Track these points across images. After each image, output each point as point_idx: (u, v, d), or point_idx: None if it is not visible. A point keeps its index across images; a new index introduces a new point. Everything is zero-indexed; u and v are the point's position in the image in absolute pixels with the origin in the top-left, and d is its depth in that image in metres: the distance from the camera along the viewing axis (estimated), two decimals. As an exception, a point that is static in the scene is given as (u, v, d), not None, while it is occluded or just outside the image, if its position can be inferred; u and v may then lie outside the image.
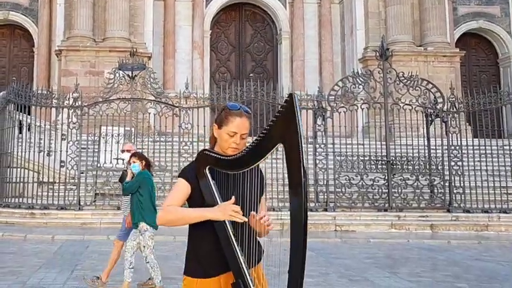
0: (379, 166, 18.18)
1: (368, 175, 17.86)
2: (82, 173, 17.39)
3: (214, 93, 18.27)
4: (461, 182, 17.78)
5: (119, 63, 18.68)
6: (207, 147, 3.26)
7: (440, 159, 18.21)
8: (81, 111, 17.72)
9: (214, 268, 3.11)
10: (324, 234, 15.83)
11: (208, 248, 3.11)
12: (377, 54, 18.90)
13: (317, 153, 17.85)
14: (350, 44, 27.69)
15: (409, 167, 18.19)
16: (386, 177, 17.86)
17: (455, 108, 18.52)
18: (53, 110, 20.14)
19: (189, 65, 27.74)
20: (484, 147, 18.48)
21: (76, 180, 17.22)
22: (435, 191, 18.13)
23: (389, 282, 9.12)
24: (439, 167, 18.25)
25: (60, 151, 17.19)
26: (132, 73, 18.21)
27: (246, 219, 3.00)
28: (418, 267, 10.79)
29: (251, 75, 18.77)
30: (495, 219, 17.34)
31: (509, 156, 19.02)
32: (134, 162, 7.91)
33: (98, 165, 17.76)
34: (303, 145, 2.74)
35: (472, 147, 18.46)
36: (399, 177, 17.94)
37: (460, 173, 17.82)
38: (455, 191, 17.81)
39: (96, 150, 18.06)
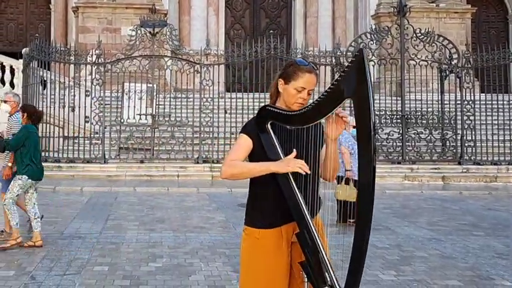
0: (394, 120, 18.68)
1: (383, 129, 18.40)
2: (106, 127, 17.92)
3: (235, 50, 18.58)
4: (473, 136, 18.30)
5: (141, 20, 18.93)
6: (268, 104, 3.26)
7: (453, 113, 18.70)
8: (104, 68, 18.13)
9: (276, 219, 3.17)
10: (341, 184, 16.37)
11: (271, 200, 3.16)
12: (394, 10, 19.19)
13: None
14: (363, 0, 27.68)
15: (423, 121, 18.69)
16: (401, 131, 18.40)
17: (469, 64, 18.90)
18: (71, 66, 20.44)
19: (204, 22, 27.75)
20: (495, 102, 18.91)
21: (101, 135, 17.74)
22: (448, 144, 18.69)
23: (409, 230, 9.60)
24: (452, 121, 18.77)
25: (85, 107, 17.64)
26: (154, 30, 18.49)
27: (310, 172, 3.04)
28: (435, 217, 11.31)
29: (271, 31, 18.97)
30: (504, 170, 17.98)
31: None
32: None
33: (122, 120, 18.28)
34: (373, 99, 2.84)
35: (484, 102, 18.91)
36: (412, 131, 18.50)
37: (471, 127, 18.34)
38: (466, 144, 18.36)
39: (119, 106, 18.57)
